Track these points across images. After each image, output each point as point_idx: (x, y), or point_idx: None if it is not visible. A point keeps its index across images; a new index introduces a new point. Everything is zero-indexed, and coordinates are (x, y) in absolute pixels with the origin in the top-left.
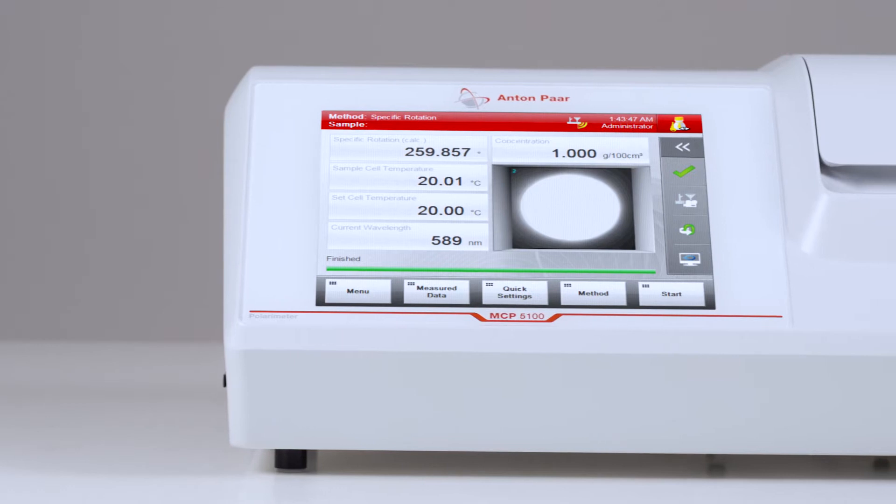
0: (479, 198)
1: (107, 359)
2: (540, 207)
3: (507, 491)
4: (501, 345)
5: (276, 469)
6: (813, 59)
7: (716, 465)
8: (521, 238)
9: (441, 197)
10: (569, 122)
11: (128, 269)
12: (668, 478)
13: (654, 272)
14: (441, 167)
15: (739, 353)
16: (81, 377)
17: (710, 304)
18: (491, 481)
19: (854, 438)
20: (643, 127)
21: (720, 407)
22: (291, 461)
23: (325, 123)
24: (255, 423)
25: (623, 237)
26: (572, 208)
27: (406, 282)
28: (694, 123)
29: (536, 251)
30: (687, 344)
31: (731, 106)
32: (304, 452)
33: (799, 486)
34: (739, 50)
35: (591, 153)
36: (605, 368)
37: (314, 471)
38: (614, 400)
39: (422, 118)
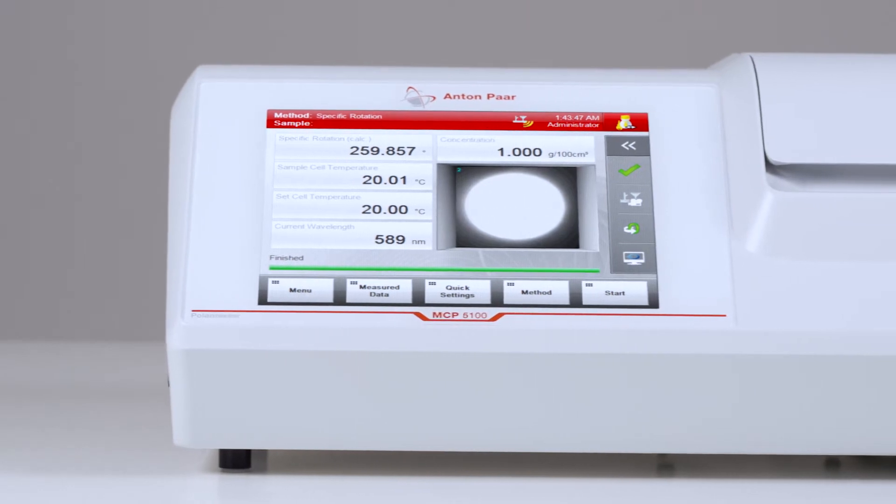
0: (424, 197)
1: (51, 359)
2: (484, 206)
3: (450, 490)
4: (444, 344)
5: (220, 469)
6: (760, 58)
7: (665, 465)
8: (464, 237)
9: (385, 196)
10: (515, 121)
11: (76, 269)
12: (616, 477)
13: (597, 271)
14: (386, 166)
15: (683, 353)
16: (23, 377)
17: (653, 303)
18: (434, 481)
19: (803, 438)
20: (589, 125)
21: (665, 406)
22: (236, 461)
23: (271, 122)
24: (198, 423)
25: (567, 236)
26: (517, 207)
27: (349, 281)
28: (640, 122)
29: (480, 250)
30: (630, 343)
31: (677, 104)
32: (248, 452)
33: (749, 485)
34: (691, 48)
35: (537, 152)
36: (547, 368)
37: (264, 470)
38: (558, 399)
39: (367, 117)
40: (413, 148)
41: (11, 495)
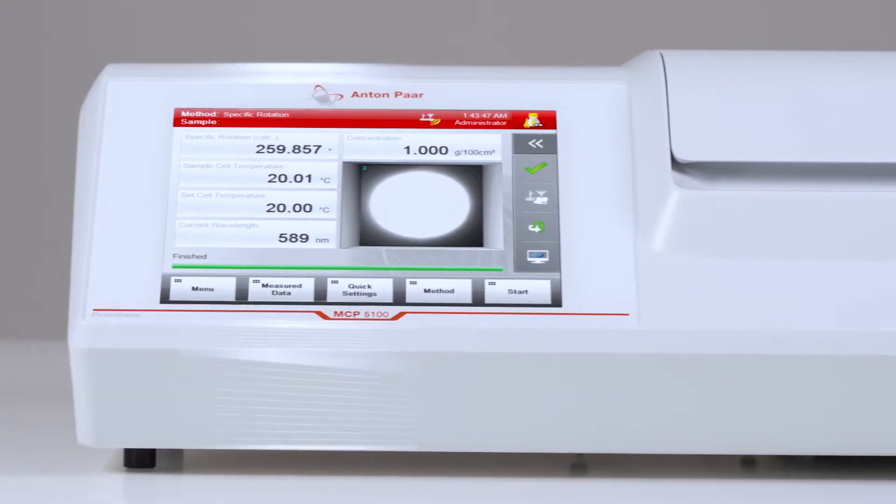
0: (328, 195)
1: None
2: (389, 205)
3: (353, 490)
4: (344, 343)
5: (125, 468)
6: (670, 55)
7: (578, 465)
8: (368, 235)
9: (290, 194)
10: (422, 119)
11: None
12: (528, 477)
13: (501, 269)
14: (291, 164)
15: (586, 352)
16: None
17: (556, 301)
18: (338, 481)
19: (715, 437)
20: (496, 123)
21: (569, 406)
22: (140, 460)
23: (178, 121)
24: (101, 423)
25: (472, 234)
26: (421, 205)
27: (251, 279)
28: (548, 120)
29: (383, 249)
30: (533, 342)
31: (586, 102)
32: (152, 451)
33: (663, 485)
34: (614, 46)
35: (443, 150)
36: (449, 367)
37: (169, 470)
38: (458, 399)
39: (274, 115)
40: (319, 146)
41: None
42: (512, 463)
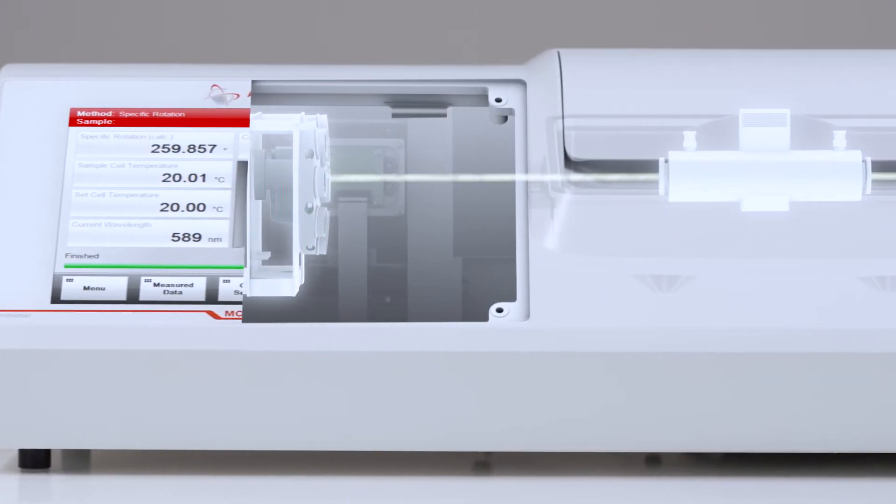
0: (222, 194)
1: None
2: None
3: (250, 489)
4: (234, 343)
5: (20, 469)
6: (567, 53)
7: (481, 463)
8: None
9: (184, 194)
10: None
11: None
12: (430, 476)
13: None
14: (186, 164)
15: (479, 350)
16: None
17: None
18: (239, 480)
19: (615, 435)
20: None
21: (468, 405)
22: (35, 461)
23: (73, 121)
24: None
25: None
26: None
27: (143, 279)
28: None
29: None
30: (422, 341)
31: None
32: (47, 452)
33: (565, 483)
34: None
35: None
36: (350, 366)
37: (75, 470)
38: (358, 397)
39: (170, 115)
40: (214, 146)
41: None
42: (414, 462)
